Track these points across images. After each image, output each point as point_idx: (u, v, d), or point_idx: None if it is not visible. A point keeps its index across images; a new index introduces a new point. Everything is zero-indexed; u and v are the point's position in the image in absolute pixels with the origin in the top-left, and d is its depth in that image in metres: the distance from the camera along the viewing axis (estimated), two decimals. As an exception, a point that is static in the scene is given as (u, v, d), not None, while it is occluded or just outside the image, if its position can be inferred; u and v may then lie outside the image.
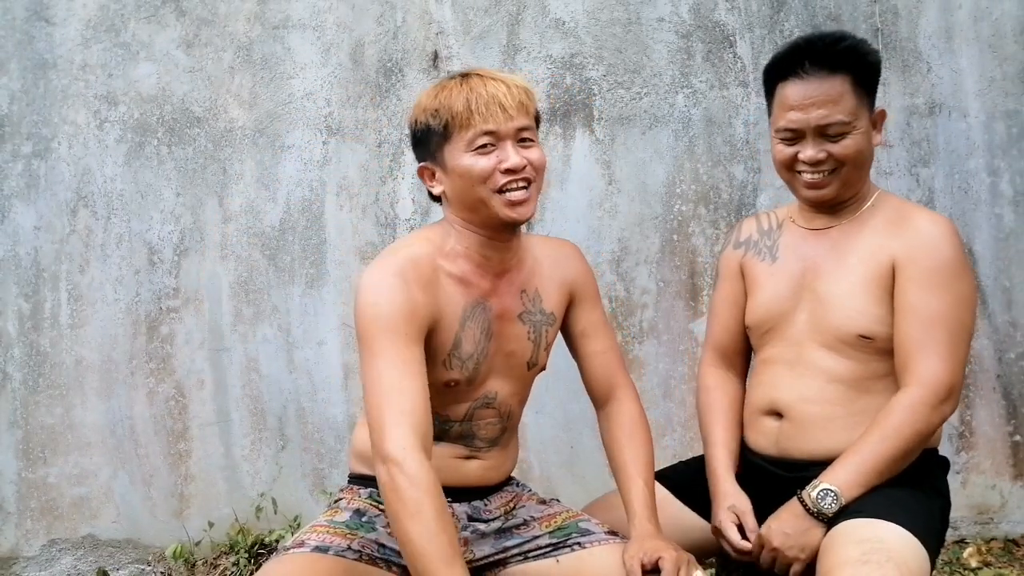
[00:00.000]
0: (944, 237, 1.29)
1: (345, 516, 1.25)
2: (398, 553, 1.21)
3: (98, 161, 2.24)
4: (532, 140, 1.23)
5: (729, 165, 2.20)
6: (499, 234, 1.24)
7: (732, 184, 2.21)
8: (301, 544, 1.19)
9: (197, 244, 2.24)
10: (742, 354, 1.51)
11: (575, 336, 1.36)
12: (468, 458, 1.29)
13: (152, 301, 2.22)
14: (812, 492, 1.22)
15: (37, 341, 2.22)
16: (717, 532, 1.33)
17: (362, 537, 1.22)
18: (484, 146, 1.19)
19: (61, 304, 2.23)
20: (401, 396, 1.11)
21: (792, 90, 1.32)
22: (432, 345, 1.21)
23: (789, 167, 1.36)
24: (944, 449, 2.08)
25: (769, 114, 1.40)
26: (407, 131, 1.25)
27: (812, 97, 1.29)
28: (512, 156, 1.19)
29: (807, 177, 1.33)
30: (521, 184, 1.20)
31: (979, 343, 2.16)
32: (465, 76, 1.23)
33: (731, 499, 1.33)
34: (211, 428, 2.22)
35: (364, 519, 1.25)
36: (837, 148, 1.31)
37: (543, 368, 1.35)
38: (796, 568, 1.24)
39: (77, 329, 2.22)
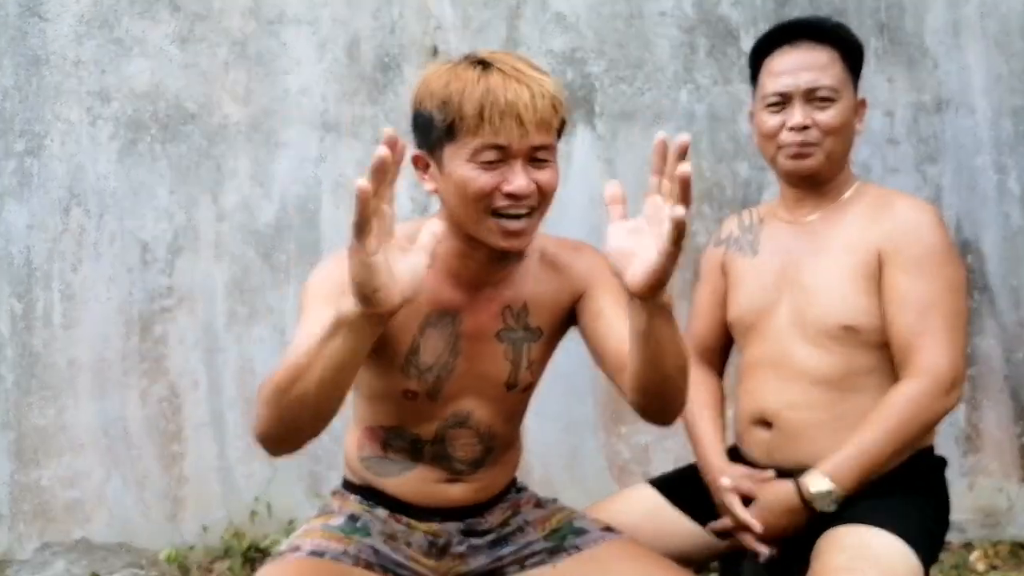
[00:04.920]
0: (928, 223, 1.28)
1: (340, 521, 1.21)
2: (394, 562, 1.19)
3: (91, 158, 2.21)
4: (548, 160, 1.07)
5: (733, 162, 2.18)
6: (484, 253, 1.11)
7: (736, 181, 2.18)
8: (296, 548, 1.15)
9: (191, 242, 2.21)
10: (721, 352, 1.52)
11: (599, 331, 1.15)
12: (450, 481, 1.20)
13: (145, 300, 2.19)
14: (811, 487, 1.22)
15: (29, 341, 2.19)
16: (724, 509, 1.33)
17: (358, 542, 1.18)
18: (490, 161, 1.03)
19: (54, 303, 2.20)
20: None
21: (781, 59, 1.34)
22: (387, 344, 1.10)
23: (773, 137, 1.34)
24: (950, 451, 2.08)
25: (754, 95, 1.41)
26: (407, 125, 1.14)
27: (802, 63, 1.32)
28: (518, 179, 1.03)
29: (792, 147, 1.32)
30: (522, 211, 1.05)
31: (986, 343, 2.14)
32: (486, 67, 1.04)
33: (728, 471, 1.34)
34: (205, 429, 2.19)
35: (358, 524, 1.21)
36: (823, 116, 1.31)
37: (530, 387, 1.23)
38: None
39: (70, 329, 2.19)
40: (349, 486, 1.28)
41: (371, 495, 1.24)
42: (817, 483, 1.22)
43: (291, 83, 2.21)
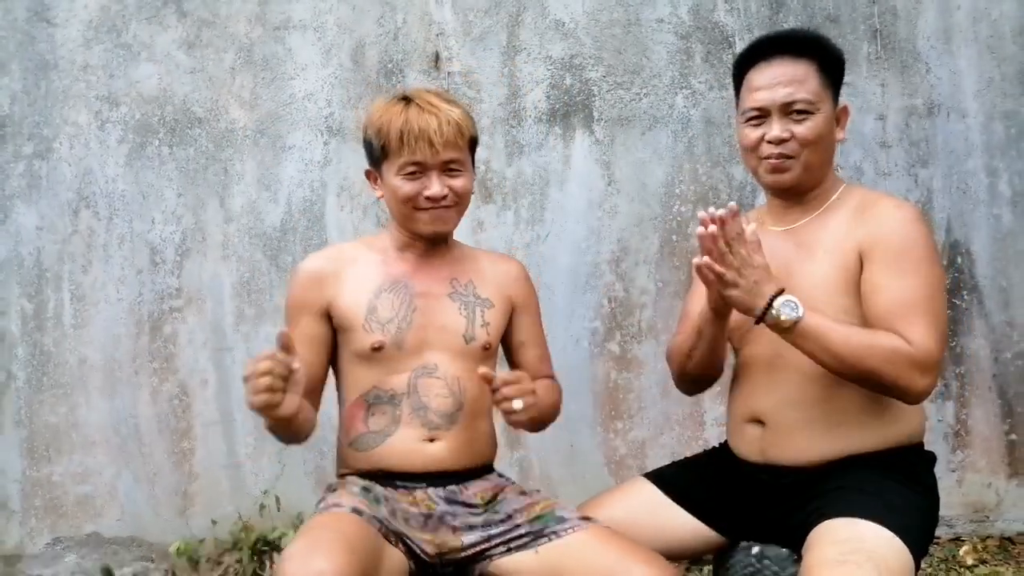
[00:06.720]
0: (909, 221, 1.28)
1: (356, 490, 1.32)
2: (396, 532, 1.28)
3: (99, 162, 2.25)
4: (459, 169, 1.37)
5: (728, 166, 2.21)
6: (424, 240, 1.42)
7: (731, 185, 2.21)
8: (339, 505, 1.26)
9: (199, 244, 2.25)
10: None
11: (515, 346, 1.48)
12: (429, 440, 1.35)
13: (155, 301, 2.24)
14: (780, 298, 1.22)
15: (41, 341, 2.23)
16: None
17: (375, 508, 1.28)
18: (412, 173, 1.35)
19: (64, 304, 2.24)
20: None
21: (759, 74, 1.36)
22: (347, 314, 1.38)
23: (754, 150, 1.38)
24: (940, 447, 2.13)
25: (737, 107, 1.43)
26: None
27: (778, 78, 1.34)
28: (435, 186, 1.35)
29: (771, 160, 1.35)
30: (441, 207, 1.37)
31: (975, 342, 2.17)
32: (408, 101, 1.36)
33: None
34: (214, 427, 2.23)
35: (371, 495, 1.31)
36: (801, 129, 1.33)
37: (488, 348, 1.41)
38: (731, 279, 1.23)
39: (80, 329, 2.23)
40: (345, 475, 1.40)
41: (364, 476, 1.35)
42: (786, 298, 1.22)
43: (297, 88, 2.25)
